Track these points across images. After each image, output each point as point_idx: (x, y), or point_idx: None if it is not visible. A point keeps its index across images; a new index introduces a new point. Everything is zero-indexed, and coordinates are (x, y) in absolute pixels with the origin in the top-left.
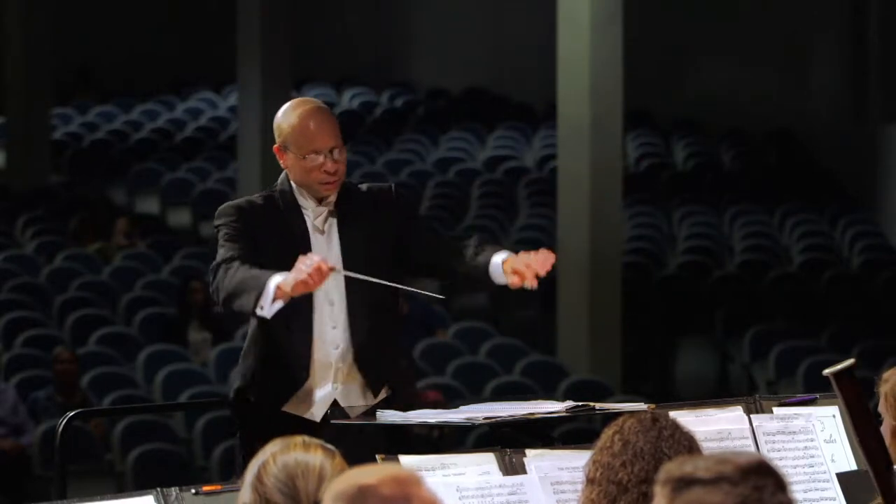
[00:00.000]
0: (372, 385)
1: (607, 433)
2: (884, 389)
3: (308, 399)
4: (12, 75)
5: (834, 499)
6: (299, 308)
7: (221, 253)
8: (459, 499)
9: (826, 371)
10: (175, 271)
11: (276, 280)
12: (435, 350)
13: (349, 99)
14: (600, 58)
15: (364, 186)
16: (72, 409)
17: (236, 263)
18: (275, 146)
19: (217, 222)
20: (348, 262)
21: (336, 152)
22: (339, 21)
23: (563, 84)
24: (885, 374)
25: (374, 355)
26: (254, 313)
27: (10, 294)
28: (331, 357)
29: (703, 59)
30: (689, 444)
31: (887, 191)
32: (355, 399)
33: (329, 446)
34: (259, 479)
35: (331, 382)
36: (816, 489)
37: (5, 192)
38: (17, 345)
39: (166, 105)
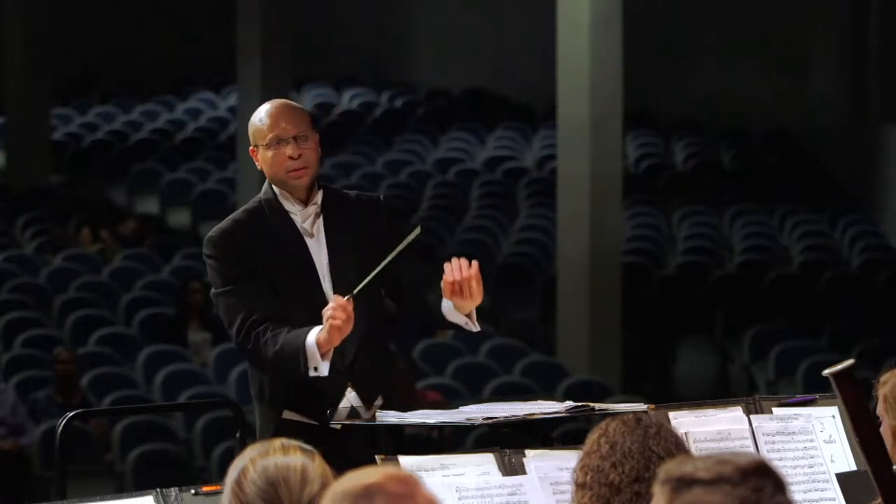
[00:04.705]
0: (364, 396)
1: (592, 437)
2: (883, 391)
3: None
4: (12, 75)
5: (834, 499)
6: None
7: (233, 303)
8: (459, 499)
9: (826, 371)
10: (175, 271)
11: (313, 339)
12: (435, 350)
13: (349, 99)
14: (600, 58)
15: (353, 193)
16: (72, 410)
17: (258, 320)
18: (250, 149)
19: (207, 253)
20: (336, 264)
21: (300, 140)
22: (339, 21)
23: (563, 84)
24: (884, 377)
25: (365, 365)
26: (307, 375)
27: (10, 294)
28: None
29: (703, 59)
30: (675, 441)
31: (887, 191)
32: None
33: (308, 447)
34: (239, 485)
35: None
36: (816, 490)
37: (5, 192)
38: (17, 345)
39: (166, 105)
